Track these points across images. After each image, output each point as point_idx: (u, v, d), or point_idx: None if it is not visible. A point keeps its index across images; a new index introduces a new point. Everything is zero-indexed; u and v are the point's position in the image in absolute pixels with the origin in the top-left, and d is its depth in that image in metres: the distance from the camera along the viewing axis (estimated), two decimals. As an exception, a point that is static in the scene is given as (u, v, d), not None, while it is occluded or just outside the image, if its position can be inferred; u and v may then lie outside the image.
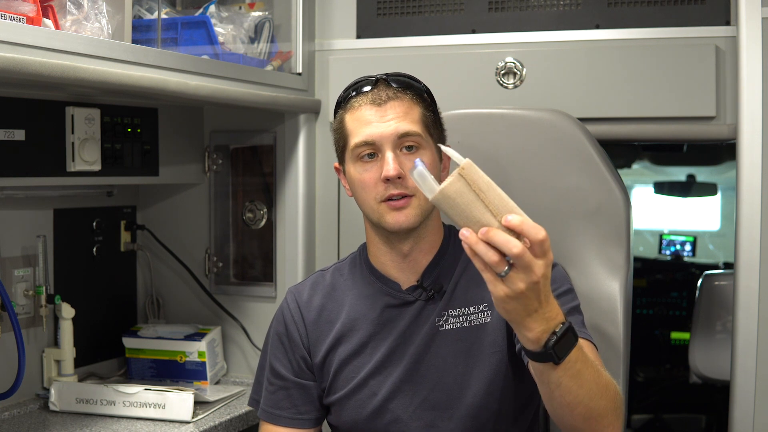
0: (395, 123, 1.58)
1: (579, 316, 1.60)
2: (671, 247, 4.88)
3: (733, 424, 1.97)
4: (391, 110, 1.60)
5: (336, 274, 1.75)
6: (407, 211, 1.58)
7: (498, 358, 1.60)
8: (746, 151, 1.96)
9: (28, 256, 2.08)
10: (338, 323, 1.69)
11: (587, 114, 2.11)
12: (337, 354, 1.68)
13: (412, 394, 1.62)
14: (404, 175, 1.57)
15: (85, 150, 1.99)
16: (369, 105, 1.61)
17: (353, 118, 1.62)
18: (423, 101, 1.64)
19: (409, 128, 1.59)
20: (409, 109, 1.61)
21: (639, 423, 4.01)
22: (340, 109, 1.66)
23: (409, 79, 1.66)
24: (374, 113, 1.60)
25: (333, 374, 1.67)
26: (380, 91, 1.61)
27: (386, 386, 1.63)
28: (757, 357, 1.94)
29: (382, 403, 1.63)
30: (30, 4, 1.52)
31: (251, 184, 2.40)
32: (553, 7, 2.20)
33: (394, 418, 1.63)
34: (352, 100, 1.63)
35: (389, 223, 1.59)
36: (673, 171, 4.97)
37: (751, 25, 1.95)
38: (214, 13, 2.12)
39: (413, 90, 1.64)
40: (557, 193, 1.92)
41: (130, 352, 2.30)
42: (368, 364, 1.65)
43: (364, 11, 2.33)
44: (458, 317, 1.63)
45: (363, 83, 1.64)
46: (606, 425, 1.40)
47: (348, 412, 1.66)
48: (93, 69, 1.62)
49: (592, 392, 1.36)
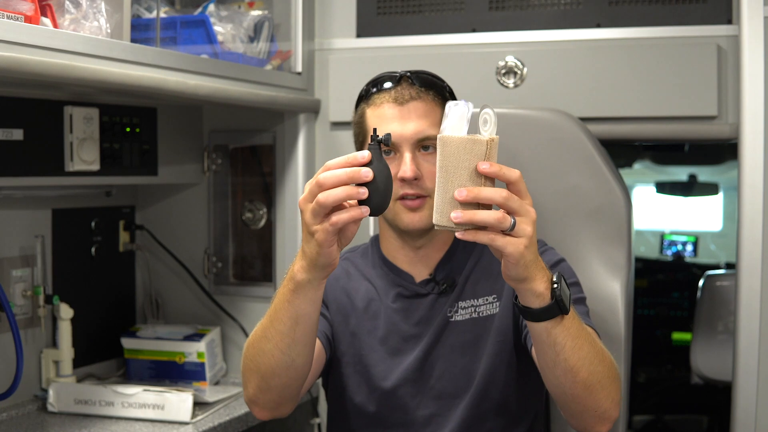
0: (415, 125, 1.60)
1: (584, 307, 1.62)
2: (673, 248, 4.88)
3: (734, 425, 1.96)
4: (412, 111, 1.61)
5: (347, 263, 1.76)
6: (421, 213, 1.61)
7: (502, 348, 1.62)
8: (748, 150, 1.95)
9: (27, 257, 2.07)
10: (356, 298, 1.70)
11: (588, 113, 2.10)
12: (350, 324, 1.69)
13: (420, 383, 1.64)
14: (420, 176, 1.59)
15: (84, 150, 1.98)
16: (391, 103, 1.62)
17: (374, 114, 1.64)
18: (445, 101, 1.64)
19: (429, 132, 1.60)
20: (430, 110, 1.63)
21: (640, 424, 4.00)
22: (363, 102, 1.68)
23: (432, 77, 1.67)
24: (396, 112, 1.61)
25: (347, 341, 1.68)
26: (403, 89, 1.63)
27: (395, 373, 1.64)
28: (759, 357, 1.93)
29: (391, 389, 1.64)
30: (28, 2, 1.51)
31: (250, 184, 2.39)
32: (553, 6, 2.19)
33: (400, 405, 1.64)
34: (374, 96, 1.65)
35: (404, 222, 1.62)
36: (675, 171, 4.96)
37: (752, 24, 1.95)
38: (213, 12, 2.12)
39: (436, 89, 1.65)
40: (558, 192, 1.91)
41: (129, 352, 2.29)
42: (380, 349, 1.66)
43: (364, 10, 2.32)
44: (467, 309, 1.66)
45: (386, 79, 1.65)
46: (605, 396, 1.41)
47: (354, 395, 1.67)
48: (91, 68, 1.61)
49: (592, 355, 1.37)
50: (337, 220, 1.25)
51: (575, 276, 1.67)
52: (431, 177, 1.57)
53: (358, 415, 1.68)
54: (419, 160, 1.60)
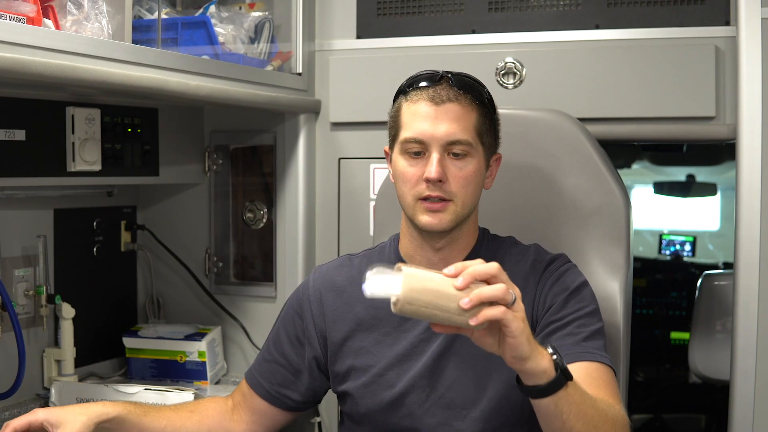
0: (448, 126, 1.58)
1: (600, 341, 1.59)
2: (671, 247, 4.88)
3: (732, 424, 1.97)
4: (447, 112, 1.59)
5: (364, 261, 1.75)
6: (441, 215, 1.59)
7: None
8: (746, 151, 1.96)
9: (29, 256, 2.08)
10: (360, 308, 1.69)
11: (587, 114, 2.11)
12: (357, 339, 1.68)
13: (429, 390, 1.62)
14: (446, 179, 1.57)
15: (86, 150, 1.99)
16: (427, 102, 1.60)
17: (410, 111, 1.62)
18: (482, 106, 1.63)
19: (460, 137, 1.58)
20: (465, 114, 1.60)
21: (639, 423, 4.01)
22: (401, 96, 1.66)
23: (472, 80, 1.65)
24: (431, 111, 1.59)
25: (352, 358, 1.68)
26: (441, 89, 1.61)
27: (404, 380, 1.63)
28: (757, 357, 1.94)
29: (399, 397, 1.63)
30: (30, 4, 1.52)
31: (251, 184, 2.40)
32: (552, 7, 2.20)
33: (408, 413, 1.63)
34: (412, 92, 1.63)
35: (422, 222, 1.60)
36: (673, 171, 4.97)
37: (750, 26, 1.95)
38: (214, 13, 2.12)
39: (474, 94, 1.63)
40: (557, 193, 1.92)
41: (131, 352, 2.30)
42: (388, 356, 1.65)
43: (364, 11, 2.33)
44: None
45: (426, 77, 1.63)
46: None
47: (364, 401, 1.66)
48: (93, 69, 1.62)
49: (596, 417, 1.40)
50: None
51: (596, 302, 1.65)
52: (456, 181, 1.58)
53: (368, 420, 1.67)
54: (446, 163, 1.58)
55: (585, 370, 1.51)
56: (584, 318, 1.58)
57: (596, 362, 1.54)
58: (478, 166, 1.61)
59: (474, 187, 1.61)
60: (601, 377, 1.52)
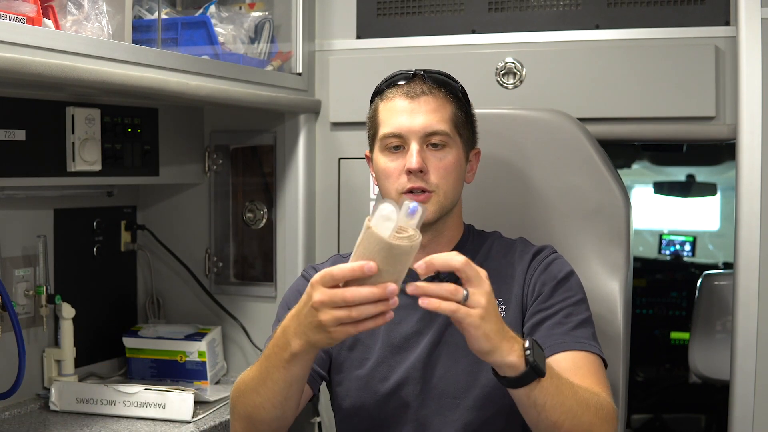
0: (425, 118, 1.62)
1: (588, 329, 1.61)
2: (671, 247, 4.88)
3: (732, 424, 1.97)
4: (423, 105, 1.63)
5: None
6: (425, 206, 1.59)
7: None
8: (746, 151, 1.96)
9: (29, 256, 2.08)
10: None
11: (587, 114, 2.11)
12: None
13: (423, 381, 1.63)
14: (426, 170, 1.60)
15: (86, 150, 1.99)
16: (403, 97, 1.64)
17: (386, 108, 1.66)
18: (456, 100, 1.67)
19: (438, 127, 1.62)
20: (441, 106, 1.64)
21: (639, 423, 4.01)
22: (377, 97, 1.70)
23: (445, 76, 1.69)
24: (407, 105, 1.63)
25: (347, 351, 1.68)
26: (415, 85, 1.65)
27: (398, 372, 1.64)
28: (757, 357, 1.94)
29: (393, 389, 1.64)
30: (30, 4, 1.52)
31: (251, 184, 2.40)
32: (552, 7, 2.20)
33: (402, 404, 1.64)
34: (387, 91, 1.67)
35: None
36: (673, 171, 4.97)
37: (750, 26, 1.96)
38: (214, 13, 2.12)
39: (448, 88, 1.67)
40: (557, 193, 1.92)
41: (131, 351, 2.30)
42: (382, 348, 1.66)
43: (364, 11, 2.33)
44: None
45: (400, 76, 1.67)
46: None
47: (357, 393, 1.67)
48: (93, 69, 1.62)
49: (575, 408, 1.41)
50: (365, 328, 1.28)
51: (583, 292, 1.66)
52: (437, 172, 1.61)
53: (362, 414, 1.67)
54: (426, 155, 1.61)
55: (571, 359, 1.53)
56: (571, 307, 1.60)
57: (583, 351, 1.55)
58: (458, 156, 1.65)
59: (455, 178, 1.64)
60: (586, 366, 1.54)
